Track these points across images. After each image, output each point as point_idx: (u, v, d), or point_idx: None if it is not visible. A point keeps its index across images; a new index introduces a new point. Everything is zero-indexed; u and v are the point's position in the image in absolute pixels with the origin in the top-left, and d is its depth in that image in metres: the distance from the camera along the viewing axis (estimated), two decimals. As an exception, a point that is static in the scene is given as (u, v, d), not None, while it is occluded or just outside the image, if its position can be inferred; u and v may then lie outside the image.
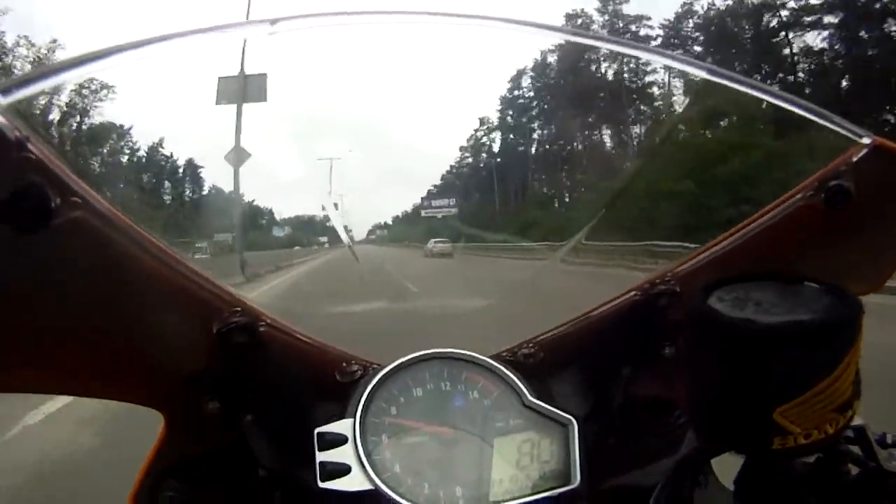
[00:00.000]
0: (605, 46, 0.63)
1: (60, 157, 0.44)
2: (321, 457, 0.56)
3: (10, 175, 0.40)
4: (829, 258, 0.62)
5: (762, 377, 0.54)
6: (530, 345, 0.70)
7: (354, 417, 0.58)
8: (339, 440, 0.57)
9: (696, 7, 37.63)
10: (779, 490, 0.61)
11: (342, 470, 0.56)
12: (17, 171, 0.41)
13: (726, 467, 0.66)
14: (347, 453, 0.56)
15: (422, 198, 53.15)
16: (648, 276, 0.67)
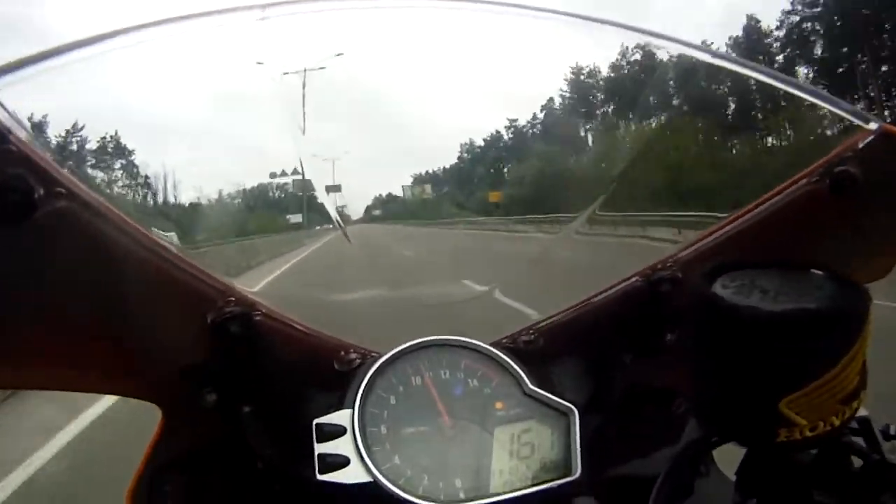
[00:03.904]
0: (599, 25, 0.61)
1: (44, 146, 0.44)
2: (320, 449, 0.56)
3: None
4: (834, 245, 0.61)
5: (768, 366, 0.53)
6: (530, 332, 0.69)
7: (353, 408, 0.58)
8: (337, 431, 0.57)
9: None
10: (781, 481, 0.61)
11: (341, 462, 0.56)
12: None
13: (728, 456, 0.66)
14: (346, 445, 0.56)
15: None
16: (650, 263, 0.66)
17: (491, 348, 0.65)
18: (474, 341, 0.65)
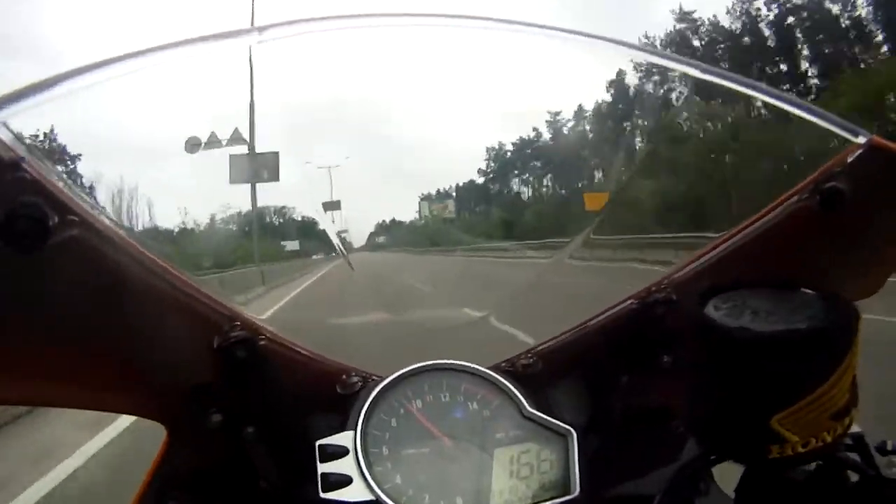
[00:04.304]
0: (596, 43, 0.62)
1: (56, 175, 0.44)
2: (323, 468, 0.57)
3: (5, 195, 0.40)
4: (826, 261, 0.61)
5: (759, 385, 0.54)
6: (529, 355, 0.70)
7: (355, 429, 0.59)
8: (340, 452, 0.58)
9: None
10: (779, 498, 0.61)
11: (343, 481, 0.57)
12: (12, 191, 0.41)
13: (727, 474, 0.66)
14: (349, 465, 0.57)
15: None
16: (646, 285, 0.67)
17: (490, 372, 0.66)
18: (474, 365, 0.66)
